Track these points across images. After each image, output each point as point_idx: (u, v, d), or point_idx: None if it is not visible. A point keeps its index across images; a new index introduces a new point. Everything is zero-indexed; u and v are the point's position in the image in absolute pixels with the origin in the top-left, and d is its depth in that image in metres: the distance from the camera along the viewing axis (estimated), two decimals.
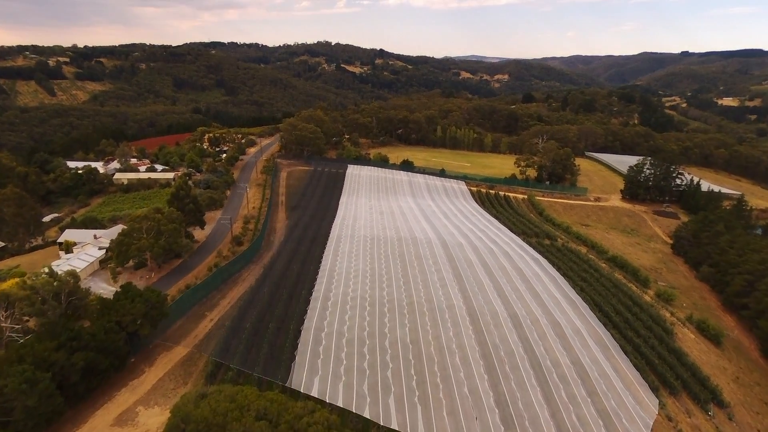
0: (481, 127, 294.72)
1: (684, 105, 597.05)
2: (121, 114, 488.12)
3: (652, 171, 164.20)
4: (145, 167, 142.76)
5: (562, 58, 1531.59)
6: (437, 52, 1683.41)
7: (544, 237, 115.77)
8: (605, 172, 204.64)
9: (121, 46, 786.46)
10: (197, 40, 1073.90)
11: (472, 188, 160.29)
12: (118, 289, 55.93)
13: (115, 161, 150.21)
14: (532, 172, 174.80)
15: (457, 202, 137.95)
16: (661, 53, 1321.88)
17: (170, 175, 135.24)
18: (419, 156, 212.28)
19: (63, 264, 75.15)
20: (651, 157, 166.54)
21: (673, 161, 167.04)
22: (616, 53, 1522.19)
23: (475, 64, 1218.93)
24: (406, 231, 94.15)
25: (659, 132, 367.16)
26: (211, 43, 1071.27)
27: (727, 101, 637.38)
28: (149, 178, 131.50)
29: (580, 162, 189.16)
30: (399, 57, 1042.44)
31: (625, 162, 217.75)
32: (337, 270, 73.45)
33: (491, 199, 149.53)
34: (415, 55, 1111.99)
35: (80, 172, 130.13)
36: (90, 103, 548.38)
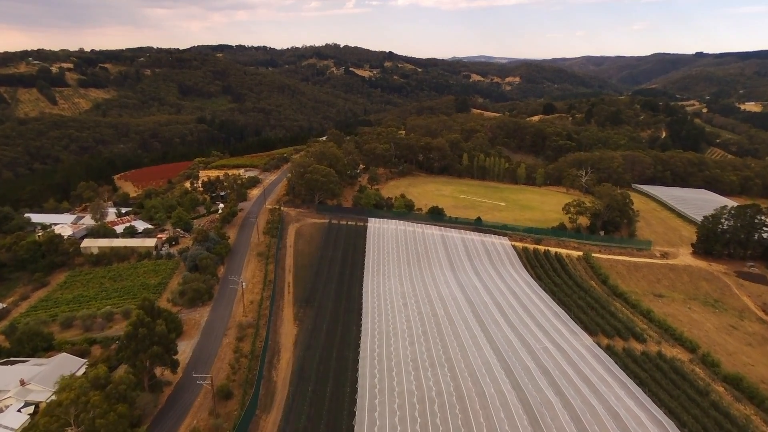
0: (507, 147, 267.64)
1: (705, 110, 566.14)
2: (123, 125, 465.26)
3: (732, 222, 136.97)
4: (123, 226, 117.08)
5: (572, 59, 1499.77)
6: (445, 52, 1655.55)
7: (628, 335, 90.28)
8: (662, 212, 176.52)
9: (128, 50, 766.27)
10: (206, 43, 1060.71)
11: (515, 243, 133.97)
12: None
13: (88, 216, 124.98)
14: (584, 220, 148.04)
15: (505, 273, 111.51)
16: (674, 54, 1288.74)
17: (151, 242, 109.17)
18: (445, 191, 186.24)
19: None
20: (734, 207, 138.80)
21: (756, 211, 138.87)
22: (627, 54, 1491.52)
23: (485, 66, 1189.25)
24: (464, 370, 66.87)
25: (692, 146, 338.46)
26: (219, 46, 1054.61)
27: (750, 106, 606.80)
28: (125, 247, 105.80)
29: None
30: (408, 59, 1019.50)
31: (681, 198, 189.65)
32: None
33: (542, 261, 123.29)
34: (424, 57, 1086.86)
35: (39, 237, 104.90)
36: (91, 112, 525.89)
